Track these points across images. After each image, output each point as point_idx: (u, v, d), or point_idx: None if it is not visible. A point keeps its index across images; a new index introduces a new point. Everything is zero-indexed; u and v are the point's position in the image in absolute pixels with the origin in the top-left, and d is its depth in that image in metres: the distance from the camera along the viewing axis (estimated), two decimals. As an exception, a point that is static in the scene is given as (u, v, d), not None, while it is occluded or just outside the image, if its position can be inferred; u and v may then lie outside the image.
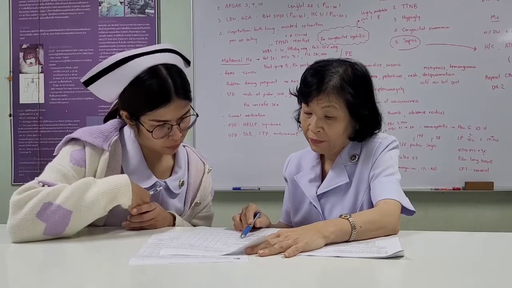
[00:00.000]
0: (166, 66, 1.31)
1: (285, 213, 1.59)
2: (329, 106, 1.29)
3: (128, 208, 1.24)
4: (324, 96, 1.28)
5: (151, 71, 1.28)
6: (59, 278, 0.89)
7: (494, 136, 2.70)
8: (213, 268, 0.92)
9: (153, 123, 1.28)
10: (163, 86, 1.27)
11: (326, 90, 1.28)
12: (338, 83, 1.29)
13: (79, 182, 1.19)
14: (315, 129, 1.32)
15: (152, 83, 1.27)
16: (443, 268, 0.92)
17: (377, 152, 1.35)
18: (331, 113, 1.30)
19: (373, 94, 1.37)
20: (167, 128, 1.30)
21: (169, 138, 1.31)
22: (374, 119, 1.37)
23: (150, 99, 1.26)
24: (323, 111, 1.30)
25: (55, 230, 1.14)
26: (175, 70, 1.32)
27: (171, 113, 1.28)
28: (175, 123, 1.30)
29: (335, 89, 1.28)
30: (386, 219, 1.17)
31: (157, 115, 1.27)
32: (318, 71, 1.32)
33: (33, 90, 3.06)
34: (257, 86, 2.88)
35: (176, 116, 1.29)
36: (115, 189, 1.19)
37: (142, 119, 1.29)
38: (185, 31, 2.93)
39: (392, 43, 2.77)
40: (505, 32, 2.68)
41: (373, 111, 1.36)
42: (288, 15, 2.85)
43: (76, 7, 3.05)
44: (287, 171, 1.56)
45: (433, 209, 2.78)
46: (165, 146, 1.33)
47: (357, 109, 1.31)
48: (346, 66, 1.33)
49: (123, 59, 1.29)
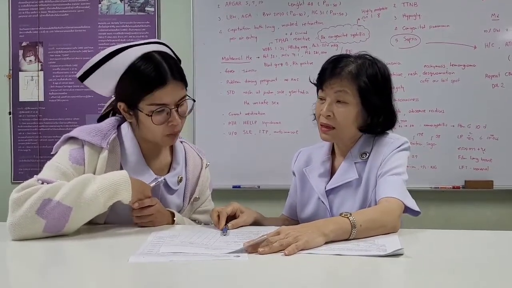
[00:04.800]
0: (159, 52, 1.33)
1: (289, 206, 1.60)
2: (341, 91, 1.33)
3: (129, 203, 1.24)
4: (337, 80, 1.33)
5: (145, 57, 1.30)
6: (59, 276, 0.89)
7: (494, 134, 2.70)
8: (213, 266, 0.92)
9: (151, 107, 1.28)
10: (158, 68, 1.29)
11: (340, 74, 1.33)
12: (354, 70, 1.34)
13: (78, 179, 1.19)
14: (326, 113, 1.35)
15: (147, 67, 1.29)
16: (443, 266, 0.92)
17: (387, 151, 1.36)
18: (342, 98, 1.34)
19: (390, 93, 1.40)
20: (166, 113, 1.30)
21: (168, 124, 1.31)
22: (387, 115, 1.39)
23: (147, 82, 1.28)
24: (335, 95, 1.34)
25: (55, 227, 1.14)
26: (169, 56, 1.35)
27: (168, 95, 1.29)
28: (173, 106, 1.31)
29: (350, 74, 1.33)
30: (386, 218, 1.17)
31: (155, 98, 1.28)
32: (337, 59, 1.38)
33: (32, 88, 3.06)
34: (257, 84, 2.88)
35: (174, 99, 1.30)
36: (115, 185, 1.20)
37: (141, 105, 1.29)
38: (185, 29, 2.93)
39: (392, 41, 2.77)
40: (505, 31, 2.68)
41: (387, 107, 1.38)
42: (288, 13, 2.85)
43: (76, 5, 3.04)
44: (296, 165, 1.56)
45: (433, 208, 2.78)
46: (165, 134, 1.33)
47: (369, 99, 1.33)
48: (367, 60, 1.38)
49: (115, 51, 1.31)
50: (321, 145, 1.51)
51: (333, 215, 1.38)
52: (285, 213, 1.61)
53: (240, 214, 1.33)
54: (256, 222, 1.37)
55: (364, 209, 1.30)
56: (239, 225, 1.30)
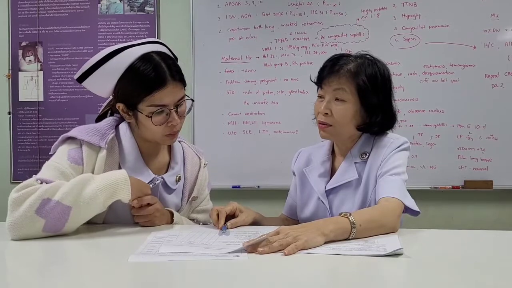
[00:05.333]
0: (158, 53, 1.33)
1: (289, 206, 1.60)
2: (339, 89, 1.34)
3: (129, 202, 1.24)
4: (335, 78, 1.34)
5: (144, 58, 1.31)
6: (58, 276, 0.89)
7: (493, 134, 2.70)
8: (212, 265, 0.92)
9: (151, 109, 1.29)
10: (157, 69, 1.29)
11: (339, 72, 1.34)
12: (353, 69, 1.34)
13: (77, 178, 1.19)
14: (324, 110, 1.35)
15: (146, 67, 1.29)
16: (442, 266, 0.92)
17: (387, 151, 1.36)
18: (340, 96, 1.34)
19: (389, 93, 1.40)
20: (165, 113, 1.31)
21: (168, 124, 1.32)
22: (386, 115, 1.39)
23: (146, 83, 1.28)
24: (334, 93, 1.35)
25: (54, 227, 1.14)
26: (167, 56, 1.35)
27: (168, 96, 1.29)
28: (172, 107, 1.31)
29: (349, 72, 1.34)
30: (386, 218, 1.17)
31: (155, 99, 1.28)
32: (337, 58, 1.38)
33: (32, 88, 3.06)
34: (256, 84, 2.88)
35: (173, 100, 1.31)
36: (114, 184, 1.20)
37: (140, 106, 1.30)
38: (184, 29, 2.93)
39: (392, 41, 2.77)
40: (504, 31, 2.68)
41: (385, 107, 1.38)
42: (288, 13, 2.84)
43: (75, 5, 3.04)
44: (296, 165, 1.56)
45: (433, 208, 2.78)
46: (165, 134, 1.34)
47: (368, 98, 1.33)
48: (367, 59, 1.38)
49: (114, 51, 1.31)
50: (321, 145, 1.51)
51: (333, 215, 1.38)
52: (284, 212, 1.61)
53: (239, 214, 1.34)
54: (255, 222, 1.38)
55: (363, 209, 1.30)
56: (238, 224, 1.30)
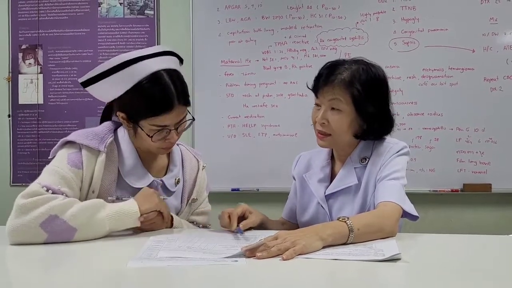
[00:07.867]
0: (168, 72, 1.31)
1: (289, 210, 1.60)
2: (335, 99, 1.33)
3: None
4: (330, 88, 1.33)
5: (154, 77, 1.29)
6: (58, 280, 0.89)
7: (492, 138, 2.70)
8: (211, 270, 0.92)
9: (153, 128, 1.30)
10: (165, 93, 1.28)
11: (333, 82, 1.32)
12: (347, 78, 1.32)
13: (89, 203, 1.21)
14: (320, 120, 1.35)
15: (155, 90, 1.28)
16: (441, 271, 0.92)
17: (387, 156, 1.36)
18: (336, 105, 1.33)
19: (386, 97, 1.39)
20: (165, 132, 1.32)
21: (165, 141, 1.34)
22: (383, 122, 1.38)
23: (153, 105, 1.28)
24: (329, 103, 1.34)
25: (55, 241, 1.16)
26: (176, 76, 1.33)
27: (171, 119, 1.30)
28: (173, 127, 1.32)
29: (343, 82, 1.32)
30: (384, 222, 1.18)
31: (158, 121, 1.29)
32: (332, 66, 1.37)
33: (32, 90, 3.06)
34: (256, 88, 2.88)
35: (175, 121, 1.32)
36: (123, 215, 1.22)
37: (142, 123, 1.31)
38: (184, 32, 2.93)
39: (391, 45, 2.77)
40: (503, 35, 2.69)
41: (383, 113, 1.38)
42: (287, 17, 2.85)
43: (75, 8, 3.05)
44: (296, 169, 1.57)
45: (432, 211, 2.78)
46: (161, 147, 1.36)
47: (363, 107, 1.33)
48: (361, 65, 1.36)
49: (125, 62, 1.29)
50: (321, 149, 1.52)
51: (332, 219, 1.38)
52: (284, 216, 1.62)
53: (249, 215, 1.35)
54: (262, 223, 1.39)
55: (362, 213, 1.30)
56: (249, 225, 1.31)
